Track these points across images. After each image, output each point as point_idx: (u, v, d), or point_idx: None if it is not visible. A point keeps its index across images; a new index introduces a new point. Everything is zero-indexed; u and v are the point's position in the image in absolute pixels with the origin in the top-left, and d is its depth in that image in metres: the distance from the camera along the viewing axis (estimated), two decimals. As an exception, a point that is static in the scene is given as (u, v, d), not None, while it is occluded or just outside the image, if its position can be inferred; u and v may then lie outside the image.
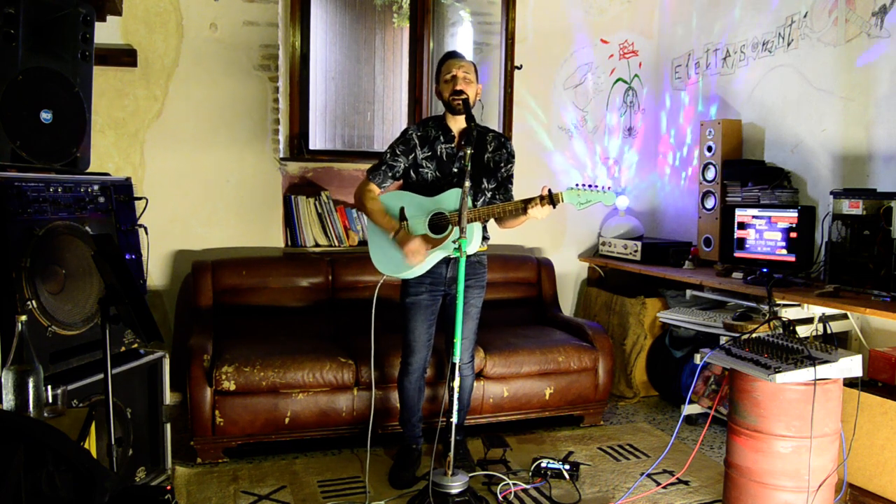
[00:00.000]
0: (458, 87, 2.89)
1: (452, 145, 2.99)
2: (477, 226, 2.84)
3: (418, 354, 3.06)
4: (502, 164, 3.05)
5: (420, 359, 3.07)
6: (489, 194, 3.04)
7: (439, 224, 2.88)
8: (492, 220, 2.99)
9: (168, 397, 2.94)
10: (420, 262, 2.83)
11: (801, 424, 2.51)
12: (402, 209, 2.93)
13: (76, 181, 2.62)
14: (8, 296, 2.29)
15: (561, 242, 4.81)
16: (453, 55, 3.01)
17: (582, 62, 4.76)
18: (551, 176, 4.70)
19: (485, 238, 3.04)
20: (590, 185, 2.75)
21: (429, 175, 2.99)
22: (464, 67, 2.93)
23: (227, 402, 3.20)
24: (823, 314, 3.31)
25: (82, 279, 2.56)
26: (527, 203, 2.75)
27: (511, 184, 3.10)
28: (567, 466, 3.11)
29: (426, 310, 3.03)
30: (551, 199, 2.72)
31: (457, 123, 3.00)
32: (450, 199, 2.84)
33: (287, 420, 3.28)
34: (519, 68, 4.60)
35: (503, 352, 3.59)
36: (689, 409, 3.80)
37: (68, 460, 1.31)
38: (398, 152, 2.99)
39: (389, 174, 3.00)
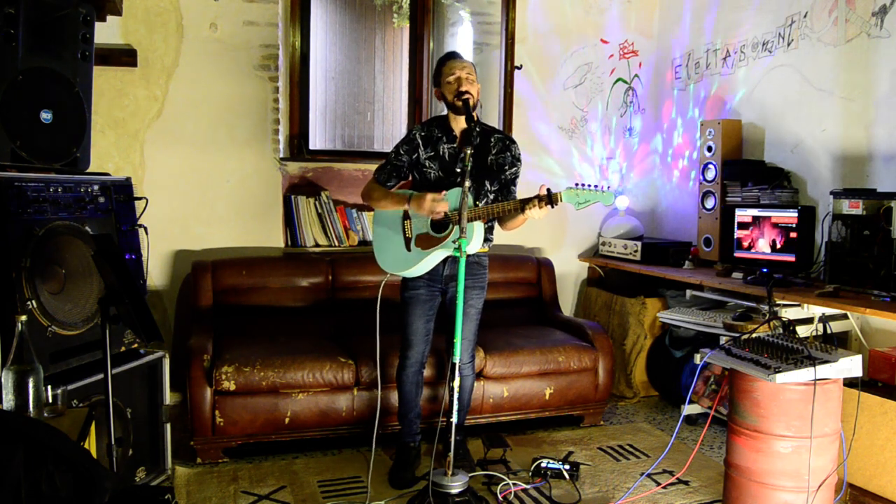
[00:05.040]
0: (463, 88, 2.89)
1: (455, 145, 3.00)
2: (479, 225, 2.84)
3: (416, 348, 3.07)
4: (506, 167, 3.04)
5: (417, 353, 3.08)
6: (491, 196, 3.03)
7: (441, 223, 2.88)
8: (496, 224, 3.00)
9: (168, 397, 2.94)
10: (444, 210, 2.82)
11: (801, 424, 2.51)
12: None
13: (76, 181, 2.61)
14: (8, 296, 2.29)
15: (561, 242, 4.81)
16: (452, 56, 3.01)
17: (582, 62, 4.75)
18: (551, 176, 4.70)
19: (487, 240, 3.05)
20: (588, 185, 2.75)
21: (431, 175, 2.99)
22: (466, 68, 2.94)
23: (227, 402, 3.20)
24: (823, 314, 3.31)
25: (82, 279, 2.56)
26: (524, 203, 2.75)
27: (514, 186, 3.09)
28: (567, 466, 3.11)
29: (424, 304, 3.04)
30: (550, 199, 2.72)
31: (459, 124, 3.00)
32: (451, 199, 2.84)
33: (287, 420, 3.28)
34: (519, 68, 4.60)
35: (503, 352, 3.59)
36: (689, 409, 3.80)
37: (68, 460, 1.31)
38: (402, 152, 3.03)
39: (394, 174, 3.05)
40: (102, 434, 2.24)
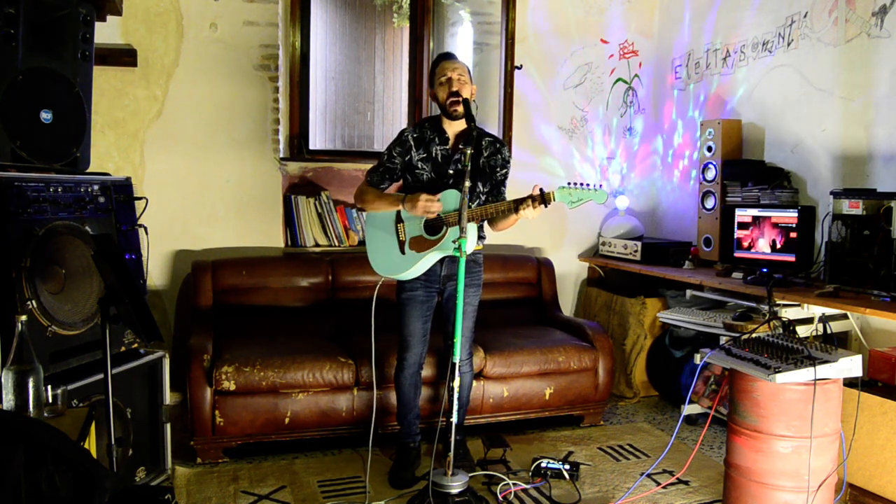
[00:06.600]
0: (454, 89, 2.89)
1: (447, 147, 3.00)
2: (473, 226, 2.85)
3: (413, 350, 3.07)
4: (498, 168, 3.05)
5: (415, 354, 3.08)
6: (483, 197, 3.04)
7: (434, 225, 2.88)
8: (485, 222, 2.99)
9: (168, 397, 2.94)
10: (438, 209, 2.82)
11: (801, 424, 2.51)
12: (398, 210, 2.96)
13: (76, 181, 2.61)
14: (8, 296, 2.29)
15: (561, 242, 4.81)
16: (446, 57, 3.01)
17: (582, 62, 4.75)
18: (550, 176, 4.70)
19: (480, 237, 3.05)
20: (581, 184, 2.75)
21: (424, 176, 2.99)
22: (458, 69, 2.93)
23: (227, 402, 3.20)
24: (823, 314, 3.31)
25: (82, 279, 2.56)
26: (518, 203, 2.75)
27: (504, 187, 3.09)
28: (567, 466, 3.11)
29: (421, 305, 3.04)
30: (543, 198, 2.72)
31: (451, 125, 3.00)
32: (445, 201, 2.84)
33: (287, 420, 3.28)
34: (519, 68, 4.60)
35: (503, 352, 3.59)
36: (689, 409, 3.80)
37: (68, 460, 1.31)
38: (395, 154, 3.01)
39: (387, 176, 3.04)
40: (102, 434, 2.24)
